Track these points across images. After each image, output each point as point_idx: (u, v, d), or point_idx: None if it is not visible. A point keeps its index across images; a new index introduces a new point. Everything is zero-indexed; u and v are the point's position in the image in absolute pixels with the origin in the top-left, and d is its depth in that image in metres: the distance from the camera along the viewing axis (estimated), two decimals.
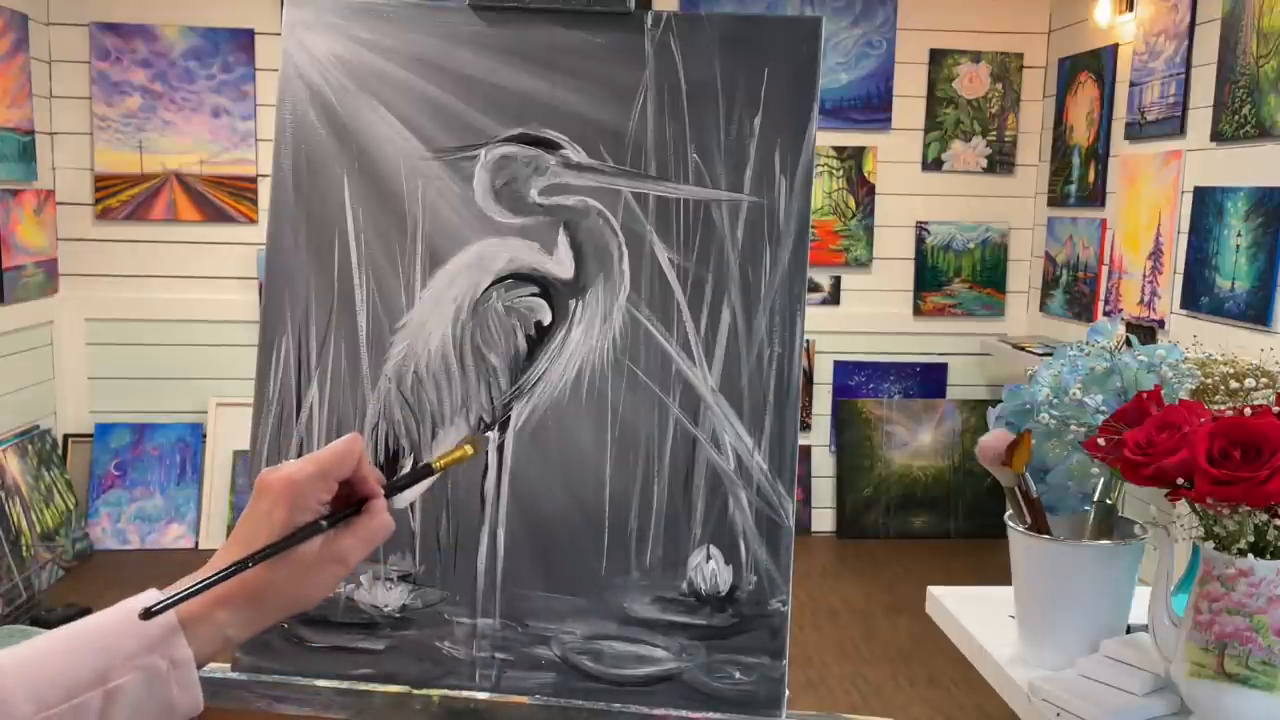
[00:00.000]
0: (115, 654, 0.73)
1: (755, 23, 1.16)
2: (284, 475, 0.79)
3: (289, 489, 0.78)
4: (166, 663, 0.74)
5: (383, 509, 0.83)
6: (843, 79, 4.77)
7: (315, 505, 0.79)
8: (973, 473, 4.72)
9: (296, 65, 1.18)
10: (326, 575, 0.80)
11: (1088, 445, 1.25)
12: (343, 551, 0.80)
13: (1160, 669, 1.24)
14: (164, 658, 0.74)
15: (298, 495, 0.78)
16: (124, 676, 0.73)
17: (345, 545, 0.80)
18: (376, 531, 0.82)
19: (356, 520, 0.81)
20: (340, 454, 0.81)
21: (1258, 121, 3.21)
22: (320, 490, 0.79)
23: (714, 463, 1.11)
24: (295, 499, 0.78)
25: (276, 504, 0.78)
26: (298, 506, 0.78)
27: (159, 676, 0.74)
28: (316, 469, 0.79)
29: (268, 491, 0.78)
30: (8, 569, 3.77)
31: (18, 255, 4.12)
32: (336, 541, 0.79)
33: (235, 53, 4.48)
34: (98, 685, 0.72)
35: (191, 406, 4.58)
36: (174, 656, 0.74)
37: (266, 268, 1.18)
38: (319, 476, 0.79)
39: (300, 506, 0.78)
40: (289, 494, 0.78)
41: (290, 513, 0.77)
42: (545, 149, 1.14)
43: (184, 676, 0.74)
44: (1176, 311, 3.63)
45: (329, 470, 0.80)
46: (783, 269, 1.12)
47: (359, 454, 0.82)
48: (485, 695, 1.11)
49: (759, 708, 1.08)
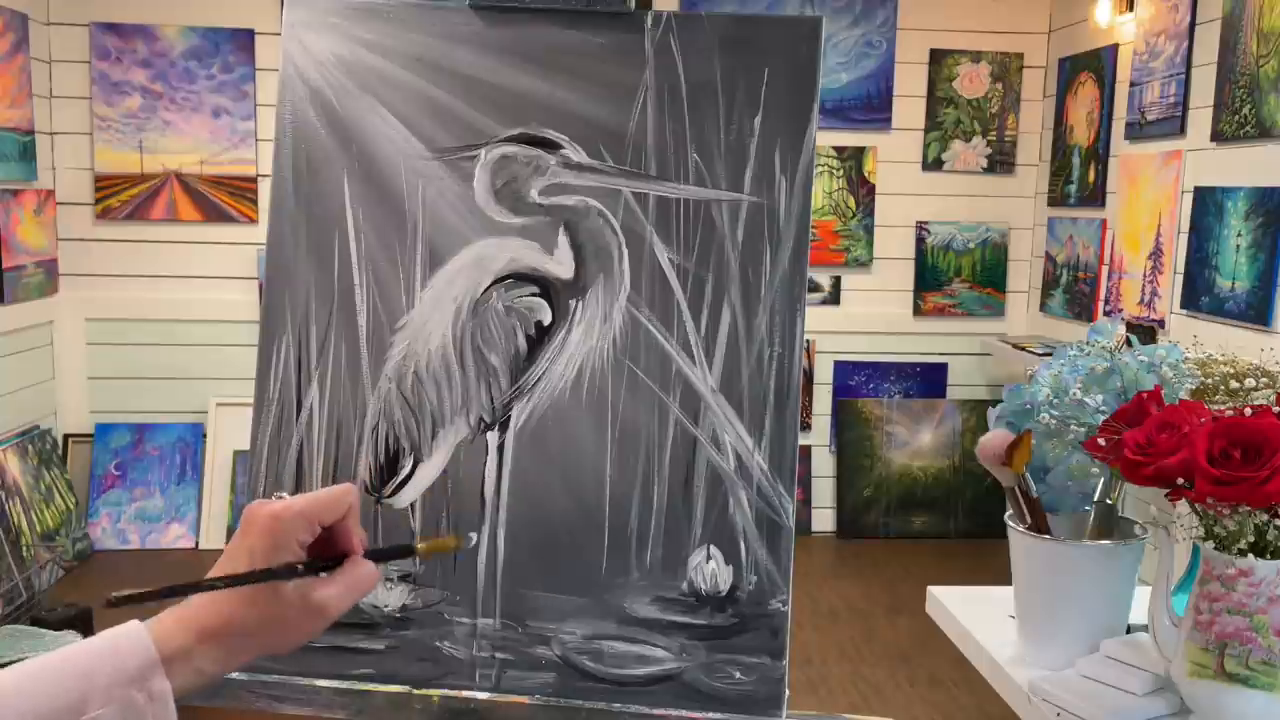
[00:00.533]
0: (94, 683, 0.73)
1: (755, 23, 1.16)
2: (269, 510, 0.79)
3: (273, 524, 0.79)
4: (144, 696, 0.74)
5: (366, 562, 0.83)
6: (843, 79, 4.77)
7: (295, 546, 0.79)
8: (973, 473, 4.72)
9: (296, 65, 1.18)
10: (307, 626, 0.80)
11: (1088, 445, 1.25)
12: (323, 602, 0.80)
13: (1160, 669, 1.24)
14: (141, 691, 0.74)
15: (280, 531, 0.78)
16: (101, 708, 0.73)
17: (326, 595, 0.80)
18: (361, 581, 0.82)
19: (339, 570, 0.81)
20: (331, 499, 0.81)
21: (1258, 121, 3.21)
22: (302, 530, 0.80)
23: (714, 463, 1.11)
24: (277, 534, 0.78)
25: (260, 538, 0.78)
26: (278, 544, 0.78)
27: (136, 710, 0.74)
28: (302, 509, 0.80)
29: (253, 525, 0.79)
30: (8, 569, 3.77)
31: (18, 255, 4.12)
32: (318, 591, 0.80)
33: (235, 53, 4.48)
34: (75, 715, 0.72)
35: (191, 406, 4.58)
36: (151, 690, 0.74)
37: (266, 268, 1.18)
38: (304, 516, 0.80)
39: (281, 544, 0.78)
40: (272, 529, 0.78)
41: (271, 548, 0.78)
42: (545, 149, 1.14)
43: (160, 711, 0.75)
44: (1176, 311, 3.63)
45: (316, 512, 0.80)
46: (783, 269, 1.12)
47: (350, 505, 0.82)
48: (485, 695, 1.11)
49: (759, 708, 1.08)
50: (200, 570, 0.79)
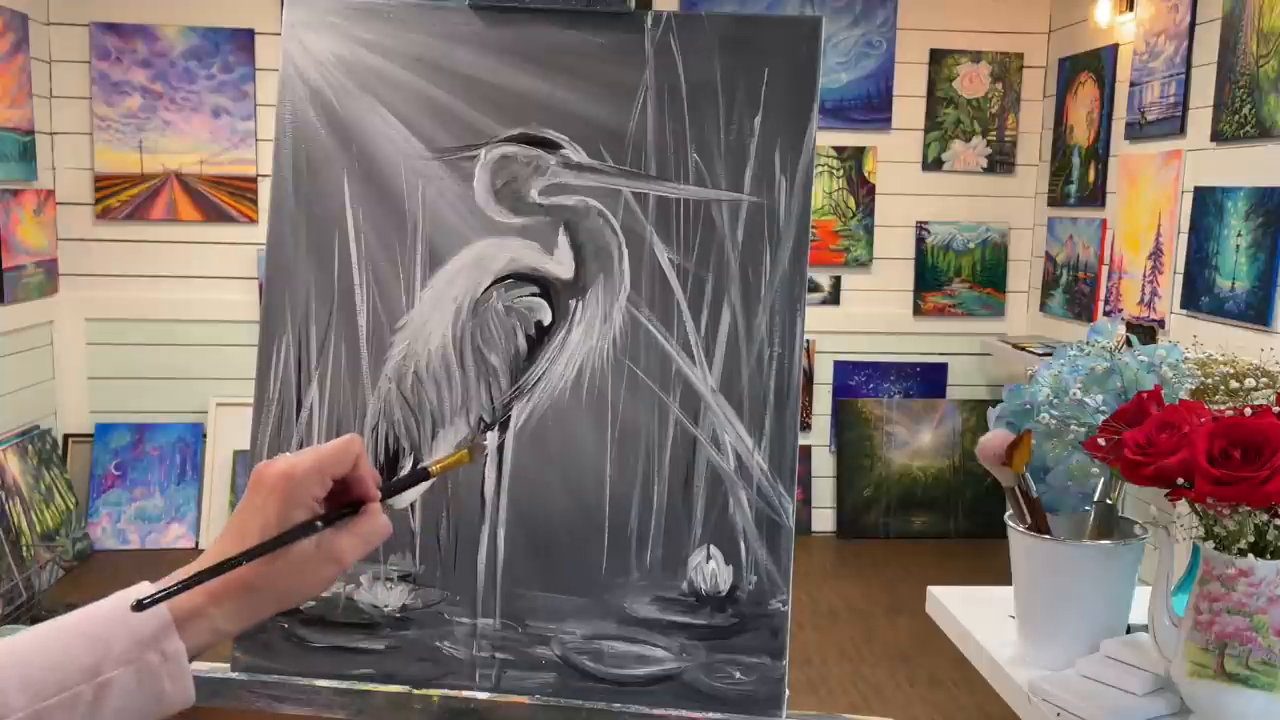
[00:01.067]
0: (108, 647, 0.73)
1: (755, 23, 1.16)
2: (279, 469, 0.78)
3: (283, 482, 0.78)
4: (158, 656, 0.74)
5: (379, 511, 0.83)
6: (843, 79, 4.77)
7: (309, 501, 0.78)
8: (973, 473, 4.72)
9: (296, 65, 1.18)
10: (322, 573, 0.79)
11: (1088, 445, 1.25)
12: (339, 551, 0.79)
13: (1160, 669, 1.24)
14: (156, 652, 0.74)
15: (292, 489, 0.78)
16: (116, 669, 0.73)
17: (342, 544, 0.79)
18: (374, 533, 0.82)
19: (354, 521, 0.81)
20: (338, 450, 0.80)
21: (1258, 121, 3.21)
22: (315, 486, 0.79)
23: (714, 463, 1.11)
24: (290, 493, 0.77)
25: (270, 497, 0.77)
26: (292, 501, 0.77)
27: (150, 670, 0.74)
28: (313, 464, 0.79)
29: (262, 484, 0.78)
30: (8, 569, 3.77)
31: (18, 255, 4.12)
32: (333, 540, 0.79)
33: (235, 53, 4.48)
34: (90, 678, 0.72)
35: (191, 406, 4.58)
36: (165, 650, 0.74)
37: (266, 268, 1.18)
38: (315, 471, 0.79)
39: (294, 501, 0.77)
40: (283, 487, 0.77)
41: (284, 506, 0.77)
42: (545, 149, 1.14)
43: (175, 669, 0.75)
44: (1176, 311, 3.63)
45: (325, 466, 0.79)
46: (783, 269, 1.12)
47: (357, 453, 0.81)
48: (485, 695, 1.11)
49: (759, 708, 1.08)
50: None
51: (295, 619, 1.13)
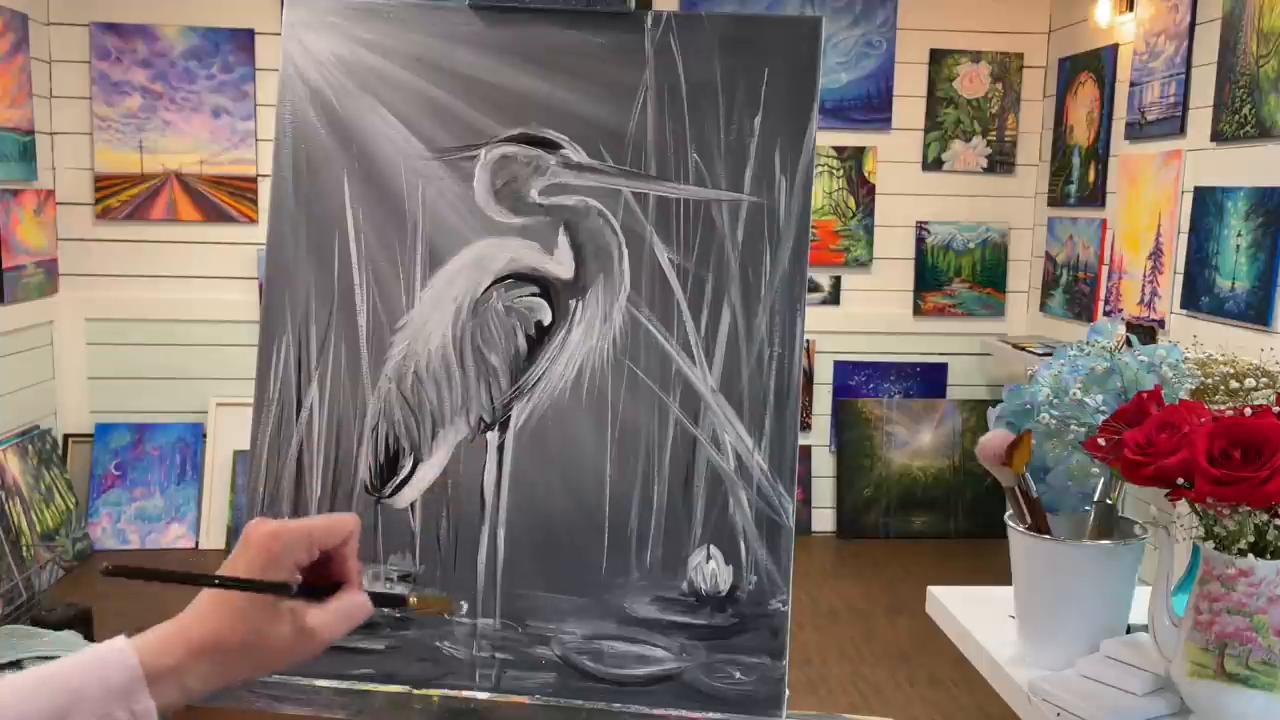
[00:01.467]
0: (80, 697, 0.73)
1: (755, 23, 1.16)
2: (269, 528, 0.80)
3: (270, 542, 0.79)
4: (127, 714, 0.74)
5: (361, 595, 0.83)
6: (843, 79, 4.77)
7: (291, 565, 0.79)
8: (973, 473, 4.72)
9: (296, 65, 1.18)
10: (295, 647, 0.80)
11: (1088, 445, 1.25)
12: (314, 626, 0.80)
13: (1160, 669, 1.24)
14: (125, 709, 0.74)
15: (277, 549, 0.79)
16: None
17: (318, 621, 0.80)
18: (354, 612, 0.82)
19: (333, 598, 0.81)
20: (332, 523, 0.82)
21: (1258, 121, 3.21)
22: (300, 550, 0.80)
23: (714, 463, 1.11)
24: (274, 552, 0.79)
25: (257, 553, 0.79)
26: (275, 561, 0.79)
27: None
28: (302, 529, 0.81)
29: (250, 541, 0.80)
30: (8, 569, 3.77)
31: (18, 255, 4.12)
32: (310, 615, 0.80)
33: (235, 53, 4.48)
34: None
35: (191, 406, 4.58)
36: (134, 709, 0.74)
37: (266, 268, 1.18)
38: (303, 535, 0.80)
39: (277, 562, 0.79)
40: (270, 546, 0.79)
41: (268, 565, 0.78)
42: (545, 149, 1.14)
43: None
44: (1176, 311, 3.63)
45: (315, 536, 0.81)
46: (783, 269, 1.12)
47: (349, 532, 0.82)
48: (485, 695, 1.11)
49: (759, 708, 1.08)
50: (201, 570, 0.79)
51: None
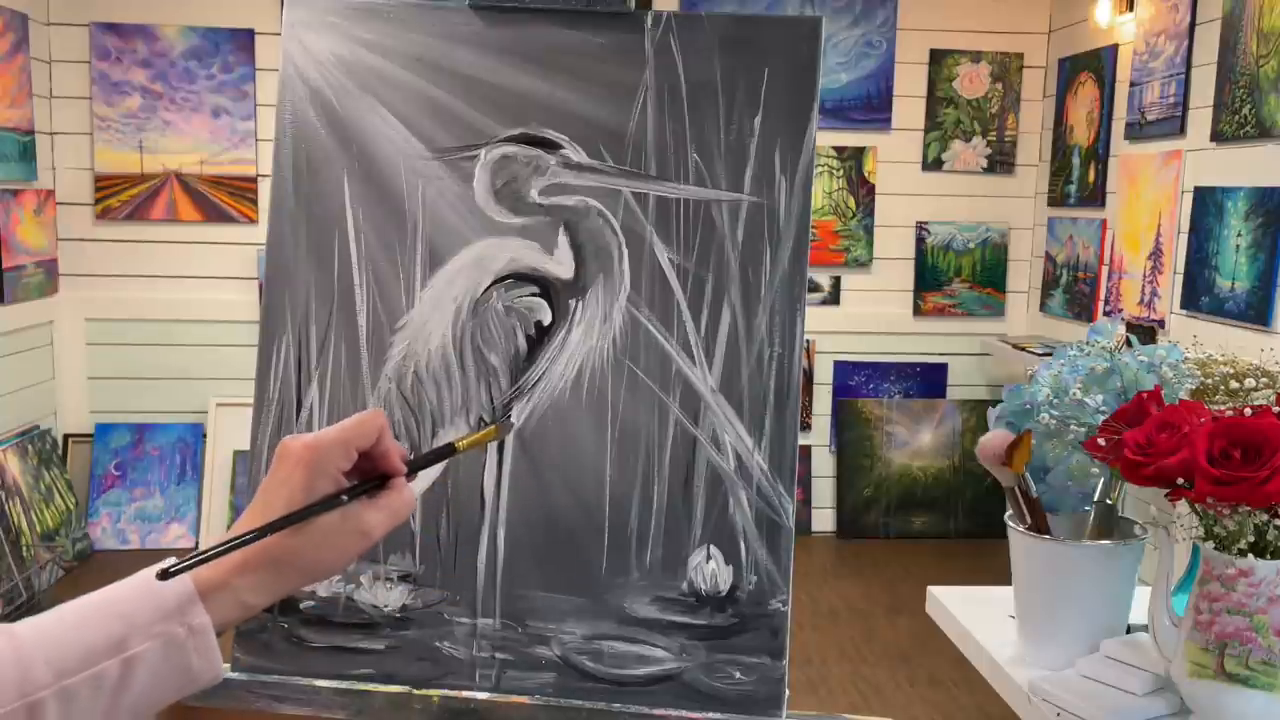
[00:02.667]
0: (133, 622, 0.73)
1: (755, 23, 1.16)
2: (304, 441, 0.79)
3: (308, 454, 0.78)
4: (185, 630, 0.74)
5: (405, 485, 0.82)
6: (843, 79, 4.77)
7: (334, 473, 0.78)
8: (973, 473, 4.72)
9: (296, 65, 1.18)
10: (348, 546, 0.79)
11: (1088, 445, 1.25)
12: (365, 523, 0.79)
13: (1160, 669, 1.24)
14: (182, 625, 0.74)
15: (317, 461, 0.78)
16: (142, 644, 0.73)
17: (368, 517, 0.79)
18: (401, 506, 0.82)
19: (380, 494, 0.81)
20: (362, 423, 0.81)
21: (1258, 121, 3.21)
22: (340, 458, 0.79)
23: (714, 463, 1.11)
24: (314, 464, 0.78)
25: (295, 469, 0.77)
26: (317, 472, 0.78)
27: (177, 644, 0.74)
28: (337, 436, 0.79)
29: (288, 457, 0.78)
30: (8, 569, 3.77)
31: (18, 255, 4.12)
32: (359, 513, 0.79)
33: (235, 53, 4.48)
34: (116, 653, 0.72)
35: (191, 406, 4.58)
36: (192, 624, 0.74)
37: (266, 268, 1.18)
38: (339, 444, 0.79)
39: (319, 472, 0.78)
40: (308, 459, 0.78)
41: (309, 478, 0.77)
42: (545, 149, 1.14)
43: (202, 644, 0.75)
44: (1176, 311, 3.63)
45: (350, 439, 0.80)
46: (783, 269, 1.12)
47: (381, 427, 0.81)
48: (485, 695, 1.11)
49: (759, 708, 1.08)
50: None
51: (295, 619, 1.13)
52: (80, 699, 0.71)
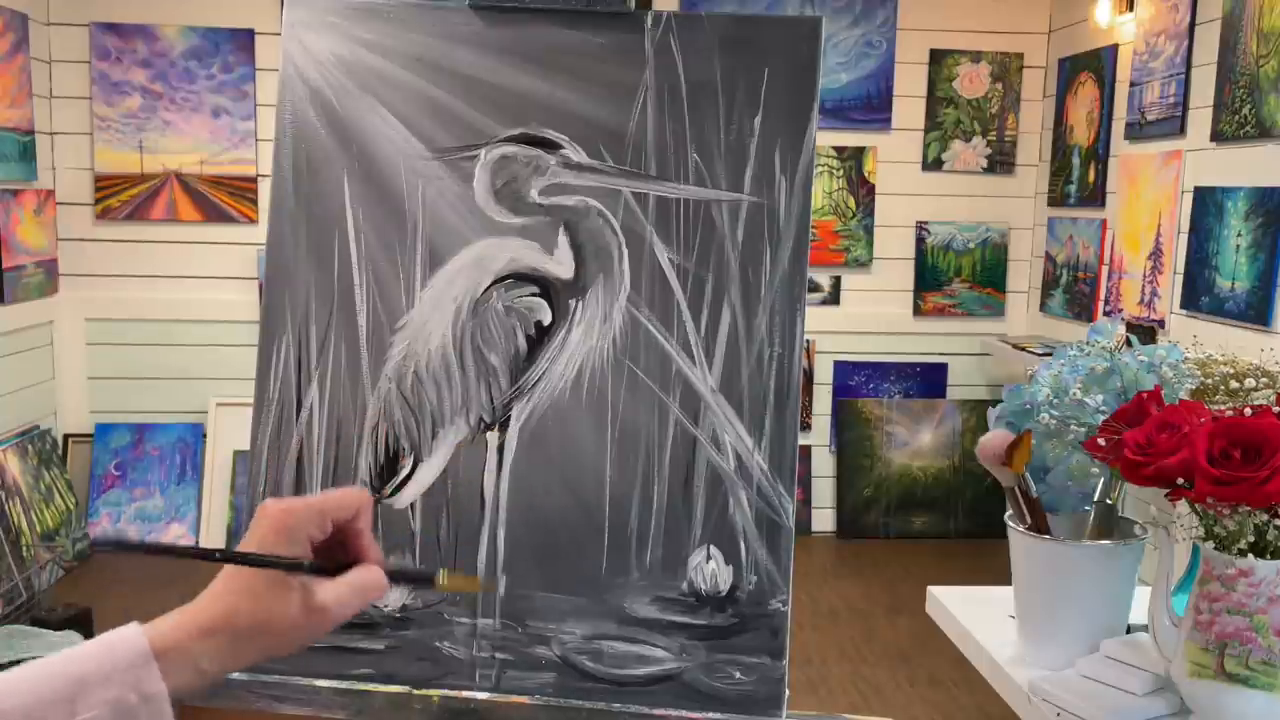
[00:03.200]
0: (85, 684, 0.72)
1: (755, 23, 1.16)
2: (281, 505, 0.80)
3: (283, 517, 0.79)
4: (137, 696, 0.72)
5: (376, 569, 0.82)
6: (843, 79, 4.77)
7: (304, 540, 0.79)
8: (973, 473, 4.72)
9: (296, 65, 1.18)
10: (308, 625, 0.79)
11: (1088, 445, 1.25)
12: (326, 603, 0.79)
13: (1160, 669, 1.24)
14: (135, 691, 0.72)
15: (291, 524, 0.79)
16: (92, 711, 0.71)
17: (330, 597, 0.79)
18: (368, 587, 0.81)
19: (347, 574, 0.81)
20: (343, 497, 0.82)
21: (1258, 121, 3.21)
22: (314, 525, 0.80)
23: (714, 463, 1.11)
24: (288, 528, 0.78)
25: (269, 531, 0.78)
26: (290, 536, 0.78)
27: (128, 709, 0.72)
28: (314, 503, 0.80)
29: (264, 519, 0.79)
30: (8, 569, 3.77)
31: (18, 255, 4.12)
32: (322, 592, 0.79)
33: (235, 53, 4.48)
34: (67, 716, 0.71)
35: (191, 406, 4.58)
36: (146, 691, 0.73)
37: (266, 268, 1.18)
38: (316, 511, 0.80)
39: (292, 537, 0.78)
40: (282, 522, 0.79)
41: (282, 542, 0.78)
42: (545, 149, 1.14)
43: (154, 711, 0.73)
44: (1176, 311, 3.63)
45: (326, 509, 0.80)
46: (783, 269, 1.12)
47: (361, 507, 0.82)
48: (485, 695, 1.11)
49: (759, 708, 1.08)
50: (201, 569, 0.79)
51: None
52: None
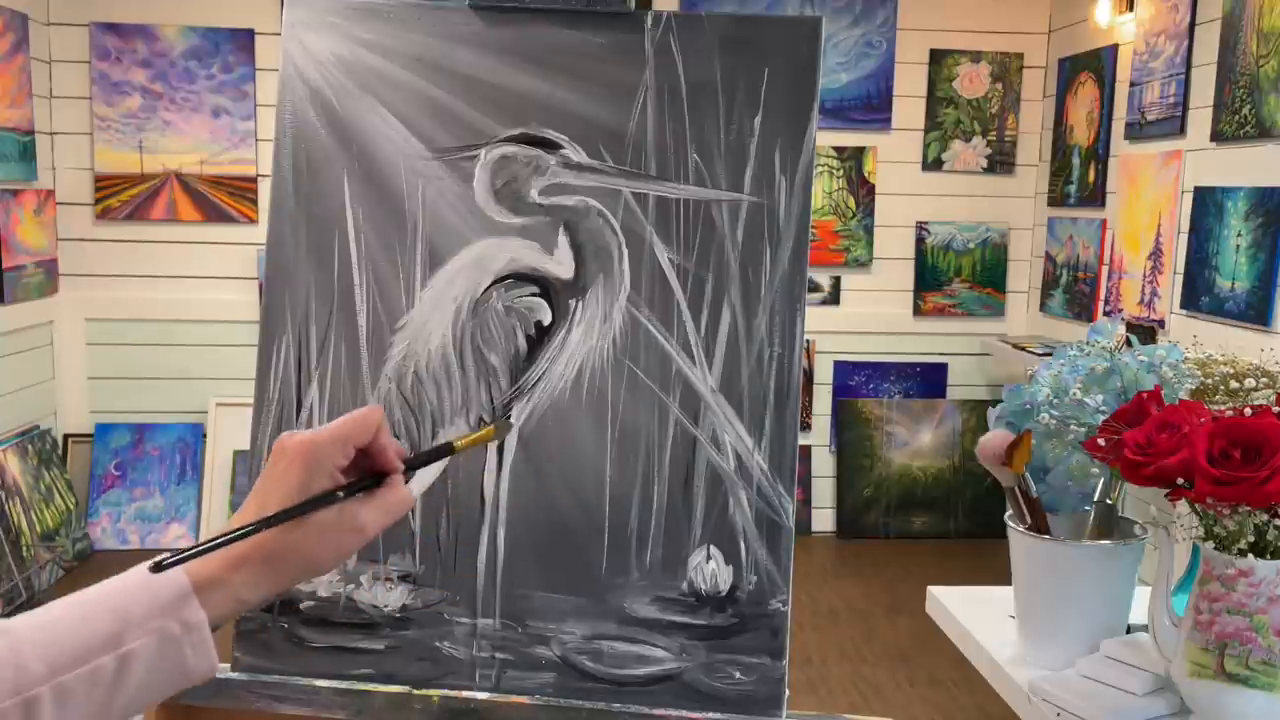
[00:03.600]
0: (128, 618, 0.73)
1: (755, 23, 1.16)
2: (301, 438, 0.79)
3: (305, 450, 0.78)
4: (180, 626, 0.74)
5: (402, 482, 0.83)
6: (843, 79, 4.77)
7: (331, 470, 0.79)
8: (973, 473, 4.72)
9: (296, 65, 1.18)
10: (343, 542, 0.79)
11: (1088, 445, 1.25)
12: (361, 520, 0.79)
13: (1160, 669, 1.24)
14: (177, 621, 0.74)
15: (314, 458, 0.78)
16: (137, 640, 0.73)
17: (364, 514, 0.79)
18: (397, 503, 0.82)
19: (376, 491, 0.81)
20: (359, 420, 0.81)
21: (1258, 121, 3.21)
22: (337, 455, 0.79)
23: (714, 463, 1.11)
24: (311, 461, 0.78)
25: (292, 465, 0.78)
26: (314, 469, 0.78)
27: (172, 639, 0.73)
28: (334, 433, 0.79)
29: (284, 453, 0.78)
30: (8, 569, 3.77)
31: (18, 255, 4.12)
32: (355, 510, 0.79)
33: (235, 53, 4.48)
34: (111, 649, 0.72)
35: (191, 406, 4.58)
36: (187, 620, 0.74)
37: (266, 268, 1.18)
38: (337, 440, 0.79)
39: (316, 469, 0.78)
40: (305, 455, 0.78)
41: (306, 475, 0.77)
42: (545, 149, 1.14)
43: (197, 640, 0.74)
44: (1176, 311, 3.63)
45: (347, 436, 0.80)
46: (783, 269, 1.12)
47: (378, 424, 0.81)
48: (485, 695, 1.11)
49: (759, 708, 1.08)
50: None
51: (295, 619, 1.13)
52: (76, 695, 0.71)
